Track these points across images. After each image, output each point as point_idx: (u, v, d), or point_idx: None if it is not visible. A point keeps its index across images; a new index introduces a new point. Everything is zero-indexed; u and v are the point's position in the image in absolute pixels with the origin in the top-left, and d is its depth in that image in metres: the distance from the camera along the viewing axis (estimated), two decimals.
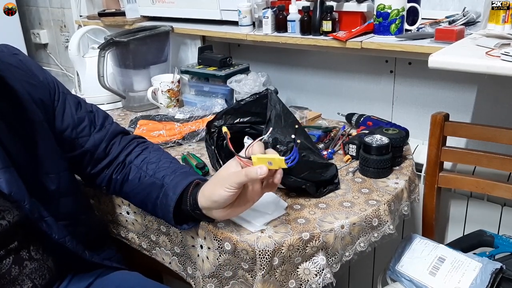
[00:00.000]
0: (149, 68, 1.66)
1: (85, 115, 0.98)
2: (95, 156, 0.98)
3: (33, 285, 0.85)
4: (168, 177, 0.91)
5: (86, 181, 1.05)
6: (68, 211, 0.92)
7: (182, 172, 0.93)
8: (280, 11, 1.46)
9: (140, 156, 0.99)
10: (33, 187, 0.83)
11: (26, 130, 0.85)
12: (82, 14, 2.26)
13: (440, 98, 1.39)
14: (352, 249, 0.95)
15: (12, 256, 0.82)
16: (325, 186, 1.03)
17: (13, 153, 0.81)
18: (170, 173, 0.92)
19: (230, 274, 0.92)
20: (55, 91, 0.95)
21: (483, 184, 1.16)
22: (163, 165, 0.95)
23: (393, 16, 1.25)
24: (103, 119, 1.02)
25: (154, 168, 0.95)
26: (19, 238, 0.83)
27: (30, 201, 0.80)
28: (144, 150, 1.01)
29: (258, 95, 1.11)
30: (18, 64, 0.90)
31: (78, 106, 0.98)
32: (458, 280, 1.00)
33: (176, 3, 1.74)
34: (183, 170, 0.94)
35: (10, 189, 0.78)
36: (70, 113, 0.96)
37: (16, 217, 0.80)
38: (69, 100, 0.97)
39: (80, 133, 0.96)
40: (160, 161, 0.97)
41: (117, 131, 1.03)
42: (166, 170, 0.93)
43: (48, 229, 0.84)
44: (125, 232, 1.12)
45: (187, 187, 0.88)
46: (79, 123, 0.97)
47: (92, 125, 0.99)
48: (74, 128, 0.96)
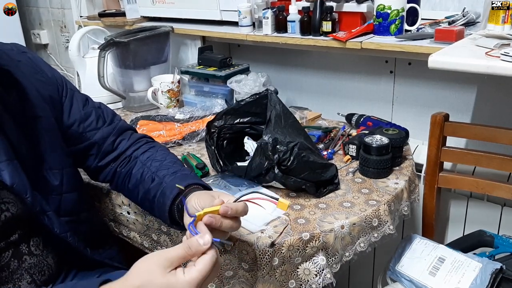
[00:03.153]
0: (149, 69, 1.66)
1: (92, 110, 1.00)
2: (103, 148, 1.00)
3: (32, 280, 0.85)
4: (168, 177, 0.91)
5: (91, 175, 1.06)
6: (71, 207, 0.92)
7: (183, 174, 0.93)
8: (280, 11, 1.46)
9: (147, 153, 1.01)
10: (36, 181, 0.84)
11: (33, 125, 0.87)
12: (82, 14, 2.26)
13: (440, 98, 1.39)
14: (352, 249, 0.95)
15: (12, 250, 0.82)
16: (325, 186, 1.03)
17: (18, 147, 0.82)
18: (171, 173, 0.93)
19: (230, 274, 0.92)
20: (63, 87, 0.97)
21: (483, 184, 1.16)
22: (167, 164, 0.96)
23: (393, 17, 1.25)
24: (112, 115, 1.04)
25: (157, 166, 0.96)
26: (20, 232, 0.84)
27: (32, 194, 0.81)
28: (151, 148, 1.03)
29: (258, 95, 1.11)
30: (27, 61, 0.92)
31: (86, 102, 1.01)
32: (458, 280, 1.00)
33: (176, 4, 1.74)
34: (184, 172, 0.94)
35: (13, 181, 0.79)
36: (77, 108, 0.98)
37: (19, 210, 0.81)
38: (76, 97, 0.99)
39: (88, 127, 0.98)
40: (165, 160, 0.97)
41: (126, 127, 1.05)
42: (168, 170, 0.94)
43: (49, 223, 0.85)
44: (127, 231, 1.13)
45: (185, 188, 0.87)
46: (86, 118, 0.99)
47: (99, 119, 1.01)
48: (81, 122, 0.98)
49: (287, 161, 0.96)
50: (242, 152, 1.15)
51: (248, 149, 1.13)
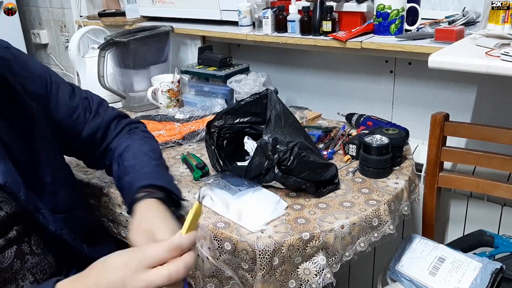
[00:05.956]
0: (149, 68, 1.66)
1: (79, 102, 1.00)
2: (93, 144, 1.01)
3: (34, 279, 0.85)
4: (129, 176, 0.92)
5: (92, 168, 1.09)
6: (65, 204, 0.92)
7: (146, 172, 0.92)
8: (280, 11, 1.46)
9: (124, 143, 1.01)
10: (29, 179, 0.84)
11: (23, 123, 0.86)
12: (82, 14, 2.26)
13: (440, 98, 1.39)
14: (352, 249, 0.95)
15: (14, 250, 0.82)
16: (325, 186, 1.03)
17: (9, 145, 0.82)
18: (138, 168, 0.94)
19: (230, 274, 0.92)
20: (48, 81, 0.96)
21: (483, 184, 1.16)
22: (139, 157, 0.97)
23: (393, 16, 1.25)
24: (97, 104, 1.04)
25: (129, 158, 0.97)
26: (18, 230, 0.83)
27: (26, 192, 0.81)
28: (129, 138, 1.03)
29: (258, 95, 1.11)
30: (12, 57, 0.89)
31: (72, 94, 1.00)
32: (458, 280, 1.00)
33: (176, 3, 1.74)
34: (145, 170, 0.93)
35: (6, 179, 0.78)
36: (64, 102, 0.97)
37: (13, 208, 0.81)
38: (62, 89, 0.98)
39: (76, 121, 0.99)
40: (138, 152, 0.98)
41: (112, 117, 1.05)
42: (136, 164, 0.95)
43: (44, 221, 0.84)
44: (126, 231, 1.12)
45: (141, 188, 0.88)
46: (74, 111, 0.99)
47: (87, 111, 1.01)
48: (69, 116, 0.98)
49: (287, 161, 0.96)
50: (242, 152, 1.15)
51: (248, 149, 1.13)
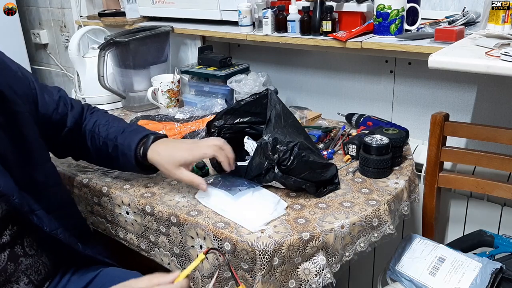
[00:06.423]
0: (149, 68, 1.66)
1: (59, 96, 1.04)
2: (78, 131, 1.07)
3: (29, 281, 0.85)
4: (120, 137, 1.02)
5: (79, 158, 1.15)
6: (58, 202, 0.93)
7: (132, 130, 1.04)
8: (280, 11, 1.46)
9: (91, 120, 1.07)
10: (22, 180, 0.84)
11: (13, 123, 0.86)
12: (82, 14, 2.26)
13: (440, 98, 1.39)
14: (352, 249, 0.95)
15: (7, 253, 0.82)
16: (325, 186, 1.03)
17: (1, 148, 0.81)
18: (121, 133, 1.03)
19: (229, 275, 0.92)
20: (29, 79, 0.98)
21: (483, 184, 1.16)
22: (113, 125, 1.06)
23: (393, 16, 1.25)
24: (67, 96, 1.08)
25: (105, 130, 1.05)
26: (11, 233, 0.83)
27: (19, 194, 0.81)
28: (93, 113, 1.10)
29: (258, 95, 1.11)
30: None
31: (49, 89, 1.04)
32: (458, 280, 1.00)
33: (176, 3, 1.74)
34: (132, 128, 1.06)
35: None
36: (48, 97, 1.00)
37: (4, 211, 0.81)
38: (42, 86, 1.01)
39: (61, 114, 1.03)
40: (109, 122, 1.07)
41: (80, 104, 1.10)
42: (116, 131, 1.04)
43: (39, 222, 0.84)
44: (124, 232, 1.12)
45: (138, 143, 1.00)
46: (57, 105, 1.02)
47: (65, 103, 1.05)
48: (54, 110, 1.01)
49: (287, 161, 0.96)
50: (242, 152, 1.15)
51: (248, 149, 1.13)
